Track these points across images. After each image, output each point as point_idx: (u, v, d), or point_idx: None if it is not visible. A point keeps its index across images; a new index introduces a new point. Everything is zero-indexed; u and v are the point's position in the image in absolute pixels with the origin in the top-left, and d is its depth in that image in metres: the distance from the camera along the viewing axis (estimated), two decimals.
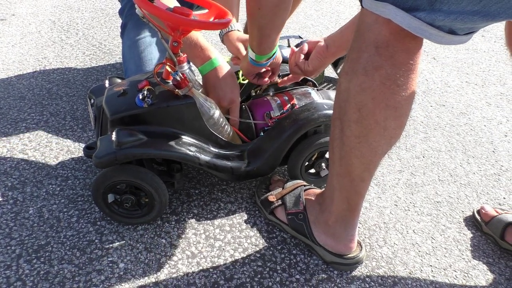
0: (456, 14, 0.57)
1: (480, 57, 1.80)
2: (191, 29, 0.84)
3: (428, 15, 0.58)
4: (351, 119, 0.71)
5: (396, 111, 0.68)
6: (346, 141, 0.73)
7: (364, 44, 0.66)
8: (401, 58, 0.64)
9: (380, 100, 0.67)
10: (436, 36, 0.60)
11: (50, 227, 0.92)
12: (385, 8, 0.61)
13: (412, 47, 0.64)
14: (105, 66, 1.52)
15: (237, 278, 0.85)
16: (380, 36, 0.63)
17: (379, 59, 0.64)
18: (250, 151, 0.97)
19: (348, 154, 0.75)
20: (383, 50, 0.64)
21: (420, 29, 0.60)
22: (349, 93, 0.69)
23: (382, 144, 0.73)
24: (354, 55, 0.68)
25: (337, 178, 0.81)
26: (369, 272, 0.89)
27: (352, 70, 0.68)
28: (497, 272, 0.92)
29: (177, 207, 1.00)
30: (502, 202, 1.10)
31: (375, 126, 0.69)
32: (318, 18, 2.04)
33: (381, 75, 0.65)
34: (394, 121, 0.70)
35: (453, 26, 0.59)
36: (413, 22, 0.59)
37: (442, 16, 0.57)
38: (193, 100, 0.87)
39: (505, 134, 1.35)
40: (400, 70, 0.65)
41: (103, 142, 0.85)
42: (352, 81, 0.68)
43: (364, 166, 0.76)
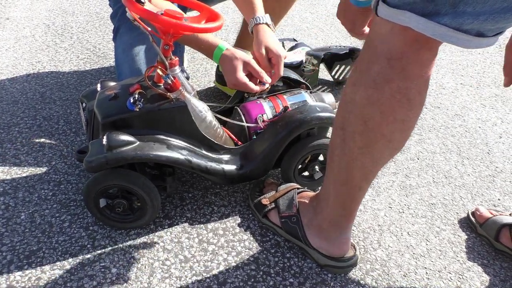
0: (486, 15, 0.53)
1: (475, 59, 1.81)
2: (182, 33, 0.84)
3: (453, 19, 0.54)
4: (356, 130, 0.69)
5: (403, 124, 0.67)
6: (348, 151, 0.72)
7: (376, 55, 0.63)
8: (414, 71, 0.62)
9: (388, 114, 0.65)
10: (464, 41, 0.56)
11: (42, 232, 0.92)
12: (403, 16, 0.57)
13: (426, 59, 0.62)
14: (99, 70, 1.51)
15: (230, 282, 0.85)
16: (394, 47, 0.61)
17: (390, 71, 0.62)
18: (243, 154, 0.97)
19: (349, 164, 0.74)
20: (396, 62, 0.61)
21: (446, 35, 0.56)
22: (355, 105, 0.67)
23: (385, 155, 0.72)
24: (363, 66, 0.66)
25: (334, 184, 0.80)
26: (363, 275, 0.88)
27: (360, 81, 0.66)
28: (492, 273, 0.91)
29: (170, 211, 0.99)
30: (496, 203, 1.09)
31: (381, 138, 0.68)
32: (313, 20, 2.04)
33: (391, 88, 0.63)
34: (401, 134, 0.69)
35: (482, 28, 0.55)
36: (438, 29, 0.56)
37: (470, 18, 0.54)
38: (185, 103, 0.87)
39: (500, 135, 1.35)
40: (412, 83, 0.63)
41: (94, 146, 0.84)
42: (359, 93, 0.66)
43: (364, 176, 0.75)
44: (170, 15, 0.80)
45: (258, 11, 1.07)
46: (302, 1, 2.26)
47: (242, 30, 1.37)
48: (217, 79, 1.40)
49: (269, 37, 1.05)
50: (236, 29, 1.86)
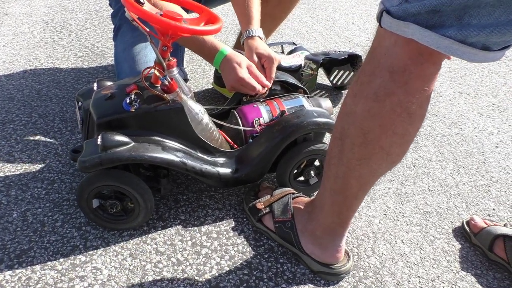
0: (491, 27, 0.52)
1: (473, 68, 1.81)
2: (181, 34, 0.83)
3: (459, 32, 0.53)
4: (354, 142, 0.69)
5: (402, 138, 0.67)
6: (346, 162, 0.72)
7: (378, 68, 0.62)
8: (416, 85, 0.61)
9: (388, 127, 0.65)
10: (469, 54, 0.55)
11: (33, 231, 0.91)
12: (408, 28, 0.56)
13: (429, 73, 0.61)
14: (97, 68, 1.50)
15: (222, 287, 0.84)
16: (397, 61, 0.60)
17: (392, 85, 0.61)
18: (238, 158, 0.96)
19: (346, 174, 0.73)
20: (398, 75, 0.60)
21: (451, 48, 0.55)
22: (356, 116, 0.67)
23: (383, 167, 0.72)
24: (365, 78, 0.65)
25: (331, 193, 0.79)
26: (356, 282, 0.88)
27: (361, 94, 0.66)
28: (485, 284, 0.91)
29: (164, 213, 0.98)
30: (491, 213, 1.09)
31: (379, 151, 0.68)
32: (313, 24, 2.04)
33: (392, 102, 0.62)
34: (399, 148, 0.68)
35: (487, 41, 0.54)
36: (443, 42, 0.54)
37: (476, 31, 0.52)
38: (181, 105, 0.86)
39: (496, 145, 1.35)
40: (414, 97, 0.62)
41: (88, 145, 0.83)
42: (360, 105, 0.66)
43: (360, 186, 0.75)
44: (169, 16, 0.80)
45: (252, 24, 1.10)
46: (302, 5, 2.26)
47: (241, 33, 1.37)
48: (215, 80, 1.40)
49: (260, 45, 1.07)
50: (236, 31, 1.86)
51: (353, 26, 2.08)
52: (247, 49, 1.08)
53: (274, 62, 1.05)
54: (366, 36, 1.99)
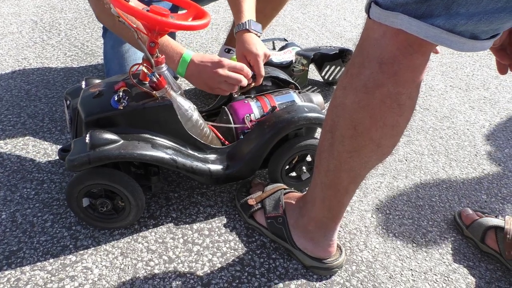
0: (479, 16, 0.52)
1: (464, 62, 1.82)
2: (168, 30, 0.82)
3: (447, 21, 0.53)
4: (344, 135, 0.68)
5: (393, 130, 0.66)
6: (336, 155, 0.72)
7: (367, 60, 0.62)
8: (405, 76, 0.61)
9: (378, 119, 0.64)
10: (458, 43, 0.55)
11: (23, 232, 0.90)
12: (396, 18, 0.56)
13: (418, 64, 0.61)
14: (87, 67, 1.49)
15: (214, 284, 0.83)
16: (386, 52, 0.60)
17: (381, 76, 0.61)
18: (229, 154, 0.96)
19: (337, 167, 0.73)
20: (387, 67, 0.60)
21: (440, 37, 0.54)
22: (345, 109, 0.67)
23: (373, 160, 0.71)
24: (354, 70, 0.65)
25: (321, 187, 0.79)
26: (349, 276, 0.88)
27: (350, 86, 0.65)
28: (478, 275, 0.91)
29: (155, 211, 0.98)
30: (483, 205, 1.10)
31: (370, 143, 0.67)
32: (304, 21, 2.04)
33: (382, 93, 0.62)
34: (390, 140, 0.68)
35: (476, 30, 0.54)
36: (431, 31, 0.54)
37: (464, 19, 0.52)
38: (171, 102, 0.86)
39: (488, 138, 1.36)
40: (403, 88, 0.62)
41: (76, 144, 0.83)
42: (350, 97, 0.65)
43: (351, 179, 0.75)
44: (155, 11, 0.79)
45: (244, 17, 1.08)
46: (294, 1, 2.26)
47: (231, 30, 1.36)
48: None
49: (247, 41, 1.05)
50: (227, 28, 1.85)
51: (344, 22, 2.08)
52: (237, 45, 1.07)
53: (259, 59, 1.03)
54: (357, 32, 1.99)
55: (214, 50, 1.67)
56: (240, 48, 1.05)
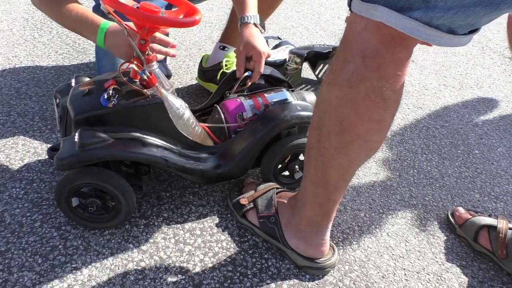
0: (456, 9, 0.52)
1: (458, 61, 1.82)
2: (159, 27, 0.81)
3: (424, 13, 0.54)
4: (331, 130, 0.68)
5: (379, 125, 0.66)
6: (324, 151, 0.71)
7: (350, 54, 0.62)
8: (389, 70, 0.61)
9: (363, 114, 0.64)
10: (435, 37, 0.55)
11: (11, 232, 0.88)
12: (376, 11, 0.57)
13: (401, 58, 0.61)
14: (78, 66, 1.48)
15: (206, 284, 0.83)
16: (368, 45, 0.60)
17: (365, 70, 0.61)
18: (222, 153, 0.95)
19: (325, 164, 0.73)
20: (370, 60, 0.60)
21: (417, 30, 0.55)
22: (330, 104, 0.66)
23: (361, 155, 0.71)
24: (338, 65, 0.64)
25: (311, 184, 0.79)
26: (342, 276, 0.87)
27: (335, 81, 0.65)
28: (470, 275, 0.91)
29: (146, 210, 0.97)
30: (476, 204, 1.09)
31: (356, 138, 0.67)
32: (298, 19, 2.03)
33: (366, 88, 0.62)
34: (376, 134, 0.68)
35: (452, 24, 0.55)
36: (408, 23, 0.55)
37: (441, 12, 0.53)
38: (161, 100, 0.85)
39: (481, 137, 1.36)
40: (387, 82, 0.61)
41: (65, 143, 0.81)
42: (334, 93, 0.65)
43: (340, 176, 0.74)
44: (145, 8, 0.78)
45: (248, 11, 1.06)
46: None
47: (227, 26, 1.35)
48: (199, 75, 1.38)
49: (252, 35, 1.03)
50: (220, 26, 1.84)
51: (339, 20, 2.07)
52: (239, 37, 1.05)
53: (262, 56, 1.02)
54: None
55: (208, 48, 1.66)
56: (243, 40, 1.03)
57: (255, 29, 1.05)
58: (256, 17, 1.06)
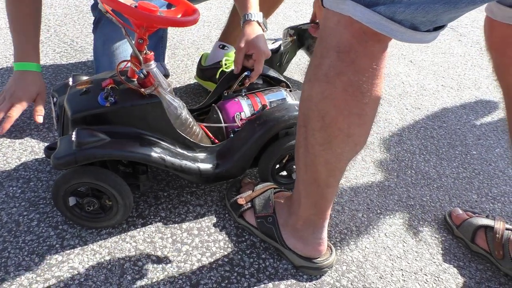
0: (416, 5, 0.54)
1: (456, 61, 1.82)
2: (157, 26, 0.81)
3: (388, 8, 0.55)
4: (314, 127, 0.69)
5: (360, 118, 0.66)
6: (310, 149, 0.72)
7: (326, 49, 0.63)
8: (363, 64, 0.61)
9: (343, 108, 0.65)
10: (397, 32, 0.57)
11: (8, 231, 0.88)
12: (344, 5, 0.58)
13: (375, 51, 0.61)
14: (76, 64, 1.47)
15: (203, 284, 0.82)
16: (342, 40, 0.60)
17: (340, 65, 0.62)
18: (219, 153, 0.95)
19: (313, 161, 0.73)
20: (345, 55, 0.61)
21: (380, 24, 0.57)
22: (312, 100, 0.67)
23: (346, 150, 0.71)
24: (316, 61, 0.66)
25: (303, 184, 0.79)
26: (339, 276, 0.87)
27: (314, 77, 0.66)
28: (468, 275, 0.91)
29: (144, 210, 0.96)
30: (473, 205, 1.10)
31: (339, 133, 0.67)
32: (297, 19, 2.03)
33: (343, 82, 0.62)
34: (358, 128, 0.68)
35: (414, 20, 0.56)
36: (372, 17, 0.56)
37: (403, 7, 0.54)
38: (159, 99, 0.84)
39: (479, 137, 1.36)
40: (364, 76, 0.62)
41: (62, 142, 0.81)
42: (315, 89, 0.66)
43: (329, 173, 0.74)
44: (143, 7, 0.77)
45: (251, 8, 1.06)
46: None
47: (228, 25, 1.35)
48: (198, 73, 1.38)
49: (254, 33, 1.03)
50: (218, 25, 1.84)
51: None
52: (241, 34, 1.04)
53: (263, 56, 1.02)
54: None
55: (206, 48, 1.66)
56: (244, 38, 1.02)
57: (257, 28, 1.04)
58: (259, 15, 1.06)
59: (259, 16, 1.06)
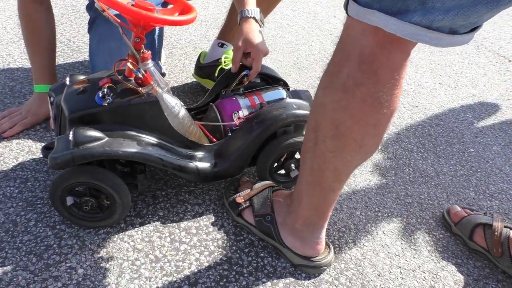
0: (456, 10, 0.51)
1: (453, 59, 1.82)
2: (154, 25, 0.81)
3: (424, 17, 0.52)
4: (327, 134, 0.68)
5: (375, 129, 0.65)
6: (319, 154, 0.71)
7: (346, 58, 0.61)
8: (385, 74, 0.60)
9: (359, 118, 0.63)
10: (436, 39, 0.54)
11: (5, 231, 0.88)
12: (373, 16, 0.56)
13: (398, 62, 0.60)
14: (73, 64, 1.47)
15: (202, 283, 0.82)
16: (365, 50, 0.59)
17: (361, 75, 0.60)
18: (217, 152, 0.95)
19: (321, 166, 0.72)
20: (367, 66, 0.59)
21: (417, 34, 0.54)
22: (326, 108, 0.66)
23: (356, 159, 0.71)
24: (333, 68, 0.64)
25: (307, 185, 0.79)
26: (338, 274, 0.87)
27: (330, 85, 0.64)
28: (466, 273, 0.91)
29: (142, 209, 0.96)
30: (471, 202, 1.10)
31: (352, 142, 0.67)
32: (294, 18, 2.03)
33: (362, 93, 0.61)
34: (372, 139, 0.67)
35: (454, 25, 0.53)
36: (408, 29, 0.54)
37: (441, 15, 0.52)
38: (156, 98, 0.84)
39: (476, 135, 1.36)
40: (384, 87, 0.61)
41: (60, 142, 0.81)
42: (329, 97, 0.64)
43: (335, 178, 0.74)
44: (140, 6, 0.77)
45: (248, 4, 1.05)
46: None
47: (226, 23, 1.34)
48: (196, 71, 1.37)
49: (252, 31, 1.02)
50: (216, 24, 1.83)
51: (334, 19, 2.07)
52: (239, 32, 1.03)
53: (261, 55, 1.01)
54: None
55: (204, 47, 1.66)
56: (242, 36, 1.02)
57: (255, 25, 1.03)
58: (257, 11, 1.05)
59: (256, 12, 1.05)
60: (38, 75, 1.18)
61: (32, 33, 1.16)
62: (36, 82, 1.18)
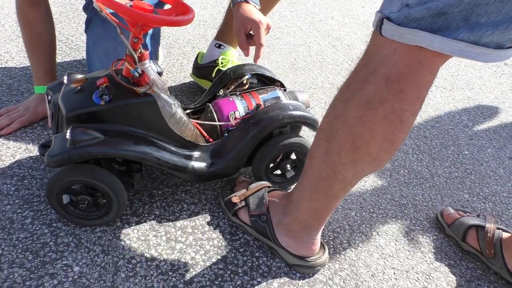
0: (505, 24, 0.50)
1: (449, 62, 1.83)
2: (152, 25, 0.81)
3: (471, 33, 0.52)
4: (342, 147, 0.68)
5: (392, 145, 0.66)
6: (331, 165, 0.71)
7: (373, 75, 0.61)
8: (411, 93, 0.60)
9: (378, 134, 0.64)
10: (483, 55, 0.53)
11: (1, 229, 0.88)
12: (415, 36, 0.55)
13: (425, 82, 0.60)
14: (71, 62, 1.47)
15: (197, 282, 0.83)
16: (394, 69, 0.59)
17: (387, 93, 0.60)
18: (214, 152, 0.95)
19: (330, 176, 0.73)
20: (394, 84, 0.59)
21: (465, 51, 0.53)
22: (346, 122, 0.66)
23: (367, 170, 0.71)
24: (357, 85, 0.64)
25: (310, 190, 0.79)
26: (332, 274, 0.88)
27: (352, 100, 0.64)
28: (458, 274, 0.92)
29: (138, 208, 0.97)
30: (465, 204, 1.11)
31: (367, 156, 0.67)
32: (292, 19, 2.04)
33: (385, 110, 0.61)
34: (387, 154, 0.68)
35: (501, 39, 0.52)
36: (455, 46, 0.53)
37: (490, 30, 0.51)
38: (154, 98, 0.85)
39: (471, 138, 1.37)
40: (408, 105, 0.61)
41: (57, 140, 0.81)
42: (351, 111, 0.65)
43: (342, 188, 0.75)
44: (138, 6, 0.78)
45: None
46: None
47: (223, 24, 1.35)
48: (194, 71, 1.38)
49: (245, 11, 1.01)
50: (214, 24, 1.84)
51: (332, 20, 2.08)
52: (235, 16, 1.02)
53: (260, 26, 0.99)
54: (345, 31, 1.99)
55: (202, 47, 1.66)
56: (238, 18, 1.01)
57: (247, 5, 1.02)
58: None
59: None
60: (39, 77, 1.18)
61: (31, 37, 1.16)
62: (36, 84, 1.18)
